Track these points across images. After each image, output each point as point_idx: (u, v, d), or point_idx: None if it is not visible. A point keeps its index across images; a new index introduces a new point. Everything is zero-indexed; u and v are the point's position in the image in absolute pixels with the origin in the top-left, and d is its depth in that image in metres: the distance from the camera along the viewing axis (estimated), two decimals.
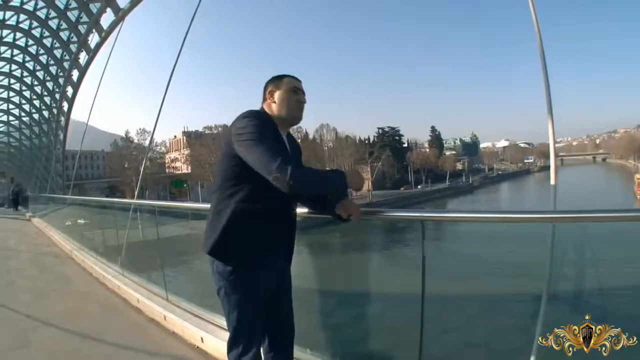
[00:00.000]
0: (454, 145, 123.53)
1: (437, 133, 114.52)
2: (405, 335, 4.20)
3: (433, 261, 2.64)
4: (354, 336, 4.24)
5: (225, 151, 2.25)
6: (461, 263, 8.59)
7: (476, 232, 5.09)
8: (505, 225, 2.77)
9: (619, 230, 6.26)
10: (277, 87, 2.39)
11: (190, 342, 4.09)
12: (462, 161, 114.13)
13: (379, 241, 12.81)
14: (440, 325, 3.01)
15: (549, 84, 4.86)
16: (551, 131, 4.80)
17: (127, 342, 4.19)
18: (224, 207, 2.24)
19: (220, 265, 2.27)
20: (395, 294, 5.26)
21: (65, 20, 25.53)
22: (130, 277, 6.38)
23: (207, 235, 2.29)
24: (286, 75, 2.44)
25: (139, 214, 7.69)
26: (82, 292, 6.41)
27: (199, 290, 5.13)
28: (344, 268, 9.95)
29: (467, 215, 2.67)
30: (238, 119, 2.23)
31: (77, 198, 16.70)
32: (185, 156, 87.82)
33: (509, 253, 7.53)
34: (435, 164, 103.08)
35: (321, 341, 3.78)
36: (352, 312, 4.71)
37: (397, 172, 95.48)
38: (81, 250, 9.27)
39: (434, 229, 5.60)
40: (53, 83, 31.34)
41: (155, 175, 74.04)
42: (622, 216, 2.08)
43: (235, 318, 2.28)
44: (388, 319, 4.52)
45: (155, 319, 4.88)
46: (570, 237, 4.01)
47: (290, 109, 2.37)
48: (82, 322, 4.85)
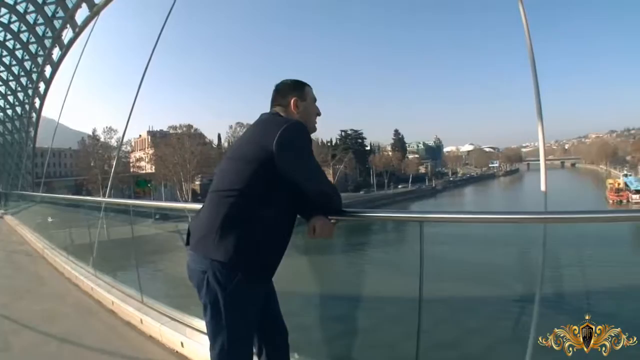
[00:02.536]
0: (417, 149, 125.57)
1: (401, 136, 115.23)
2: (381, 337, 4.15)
3: (414, 263, 2.57)
4: (342, 338, 4.16)
5: (253, 155, 2.11)
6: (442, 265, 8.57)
7: (453, 234, 5.07)
8: (485, 227, 2.77)
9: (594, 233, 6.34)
10: (302, 97, 2.36)
11: (169, 347, 3.97)
12: (425, 165, 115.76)
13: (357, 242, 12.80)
14: (433, 328, 2.94)
15: (538, 89, 4.86)
16: (541, 136, 4.79)
17: (106, 347, 4.09)
18: (250, 215, 2.09)
19: (223, 274, 2.06)
20: (379, 296, 5.20)
21: (42, 14, 25.11)
22: (103, 277, 6.21)
23: (218, 241, 2.06)
24: (305, 84, 2.43)
25: (112, 213, 7.54)
26: (56, 293, 6.30)
27: (175, 292, 5.04)
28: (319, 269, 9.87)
29: (467, 217, 2.60)
30: (287, 127, 2.09)
31: (46, 196, 16.37)
32: (149, 155, 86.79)
33: (490, 255, 7.53)
34: (398, 167, 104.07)
35: (307, 344, 3.67)
36: (333, 313, 4.64)
37: (360, 175, 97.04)
38: (53, 249, 9.05)
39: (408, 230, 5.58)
40: (27, 78, 30.97)
41: (120, 175, 73.07)
42: (613, 217, 2.20)
43: (235, 332, 2.12)
44: (378, 322, 4.46)
45: (131, 322, 4.74)
46: (552, 239, 3.98)
47: (312, 122, 2.41)
48: (59, 324, 4.73)
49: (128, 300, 5.10)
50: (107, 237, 7.43)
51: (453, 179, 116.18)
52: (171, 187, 75.31)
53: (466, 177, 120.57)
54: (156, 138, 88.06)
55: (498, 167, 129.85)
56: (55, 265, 8.01)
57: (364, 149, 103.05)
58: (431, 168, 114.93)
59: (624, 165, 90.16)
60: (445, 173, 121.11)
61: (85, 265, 6.94)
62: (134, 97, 10.41)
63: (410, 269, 2.75)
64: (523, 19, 5.23)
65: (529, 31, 5.20)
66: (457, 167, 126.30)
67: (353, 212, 2.45)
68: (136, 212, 6.05)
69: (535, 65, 5.06)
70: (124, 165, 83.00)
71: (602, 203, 68.77)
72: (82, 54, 16.97)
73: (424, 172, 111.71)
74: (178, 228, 5.53)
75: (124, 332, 4.54)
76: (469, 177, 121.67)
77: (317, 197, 2.24)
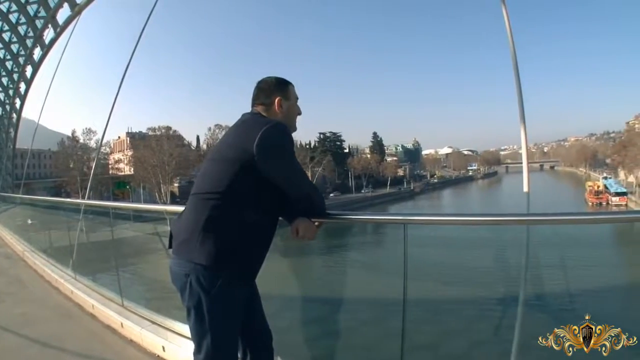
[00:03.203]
0: (395, 152, 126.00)
1: (379, 139, 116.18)
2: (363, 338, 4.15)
3: (395, 265, 2.57)
4: (324, 340, 4.16)
5: (234, 157, 2.08)
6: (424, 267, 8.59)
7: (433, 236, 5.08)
8: (466, 230, 2.79)
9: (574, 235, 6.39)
10: (286, 97, 2.33)
11: (150, 351, 3.92)
12: (403, 167, 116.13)
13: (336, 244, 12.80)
14: (415, 329, 2.93)
15: (521, 92, 4.89)
16: (524, 139, 4.83)
17: (86, 351, 4.06)
18: (232, 217, 2.07)
19: (206, 278, 2.03)
20: (360, 298, 5.21)
21: (24, 14, 24.82)
22: (82, 280, 6.12)
23: (201, 244, 2.03)
24: (289, 83, 2.39)
25: (91, 215, 7.47)
26: (36, 296, 6.23)
27: (156, 295, 5.05)
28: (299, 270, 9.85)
29: (451, 219, 2.60)
30: (268, 129, 2.06)
31: (26, 197, 16.16)
32: (128, 157, 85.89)
33: (471, 257, 7.57)
34: (377, 169, 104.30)
35: (289, 346, 3.65)
36: (315, 315, 4.63)
37: (338, 177, 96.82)
38: (33, 252, 8.92)
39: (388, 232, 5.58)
40: (8, 79, 30.54)
41: (99, 176, 72.24)
42: (594, 218, 2.27)
43: (219, 335, 2.09)
44: (359, 323, 4.47)
45: (111, 326, 4.67)
46: (533, 241, 4.02)
47: (294, 122, 2.38)
48: (39, 328, 4.69)
49: (108, 304, 5.02)
50: (86, 240, 7.32)
51: (432, 182, 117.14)
52: (150, 189, 74.49)
53: (445, 180, 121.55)
54: (135, 140, 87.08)
55: (476, 170, 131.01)
56: (35, 268, 7.90)
57: (342, 151, 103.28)
58: (410, 171, 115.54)
59: (604, 168, 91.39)
60: (424, 176, 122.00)
61: (65, 268, 6.85)
62: (114, 98, 10.29)
63: (390, 271, 2.74)
64: (506, 21, 5.25)
65: (512, 35, 5.22)
66: (435, 170, 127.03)
67: (336, 215, 2.43)
68: (116, 215, 5.97)
69: (518, 69, 5.10)
70: (103, 167, 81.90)
71: (581, 205, 69.63)
72: (63, 54, 16.79)
73: (403, 174, 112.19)
74: (157, 230, 5.48)
75: (104, 336, 4.48)
76: (447, 179, 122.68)
77: (300, 199, 2.23)
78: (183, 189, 74.15)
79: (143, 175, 74.64)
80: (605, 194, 69.76)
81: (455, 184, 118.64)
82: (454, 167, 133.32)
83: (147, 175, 73.55)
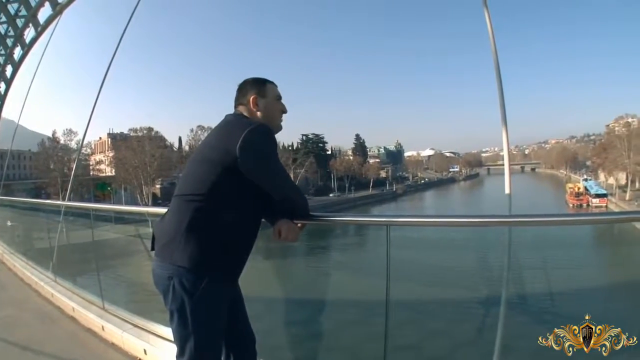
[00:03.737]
0: (378, 153, 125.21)
1: (362, 141, 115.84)
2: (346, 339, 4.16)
3: (377, 267, 2.59)
4: (307, 342, 4.16)
5: (217, 159, 2.07)
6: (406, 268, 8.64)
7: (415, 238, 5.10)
8: (448, 231, 2.80)
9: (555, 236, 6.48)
10: (262, 94, 2.29)
11: (131, 354, 3.88)
12: (386, 169, 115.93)
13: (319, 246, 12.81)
14: (398, 330, 2.94)
15: (502, 94, 4.93)
16: (505, 142, 4.87)
17: (67, 354, 4.03)
18: (215, 219, 2.05)
19: (189, 280, 2.01)
20: (342, 299, 5.22)
21: (5, 12, 24.46)
22: (63, 283, 6.03)
23: (184, 247, 2.01)
24: (267, 81, 2.35)
25: (71, 217, 7.37)
26: (16, 299, 6.15)
27: (137, 298, 5.02)
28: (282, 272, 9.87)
29: (435, 220, 2.63)
30: (251, 131, 2.04)
31: (5, 199, 15.89)
32: (110, 158, 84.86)
33: (453, 259, 7.61)
34: (359, 171, 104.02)
35: (272, 348, 3.64)
36: (298, 317, 4.64)
37: (321, 179, 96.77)
38: (12, 254, 8.78)
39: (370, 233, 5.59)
40: None
41: (80, 178, 71.36)
42: (575, 220, 2.31)
43: (202, 338, 2.07)
44: (342, 325, 4.47)
45: (92, 329, 4.62)
46: (514, 242, 4.05)
47: (277, 120, 2.34)
48: (19, 332, 4.66)
49: (89, 307, 4.96)
50: (67, 242, 7.22)
51: (414, 183, 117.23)
52: (131, 191, 73.76)
53: (427, 182, 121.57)
54: (116, 141, 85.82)
55: (458, 172, 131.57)
56: (15, 271, 7.79)
57: (325, 153, 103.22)
58: (392, 172, 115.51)
59: (584, 170, 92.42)
60: (406, 177, 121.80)
61: (45, 271, 6.75)
62: (95, 98, 10.15)
63: (373, 272, 2.75)
64: (488, 23, 5.30)
65: (494, 38, 5.27)
66: (417, 172, 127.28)
67: (319, 216, 2.43)
68: (97, 216, 5.90)
69: (499, 71, 5.13)
70: (84, 168, 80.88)
71: (562, 207, 70.47)
72: (44, 54, 16.54)
73: (385, 176, 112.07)
74: (139, 232, 5.43)
75: (85, 339, 4.43)
76: (429, 181, 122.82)
77: (282, 201, 2.22)
78: (165, 191, 73.35)
79: (124, 176, 73.88)
80: (586, 196, 70.49)
81: (437, 185, 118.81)
82: (436, 169, 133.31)
83: (128, 177, 72.85)
